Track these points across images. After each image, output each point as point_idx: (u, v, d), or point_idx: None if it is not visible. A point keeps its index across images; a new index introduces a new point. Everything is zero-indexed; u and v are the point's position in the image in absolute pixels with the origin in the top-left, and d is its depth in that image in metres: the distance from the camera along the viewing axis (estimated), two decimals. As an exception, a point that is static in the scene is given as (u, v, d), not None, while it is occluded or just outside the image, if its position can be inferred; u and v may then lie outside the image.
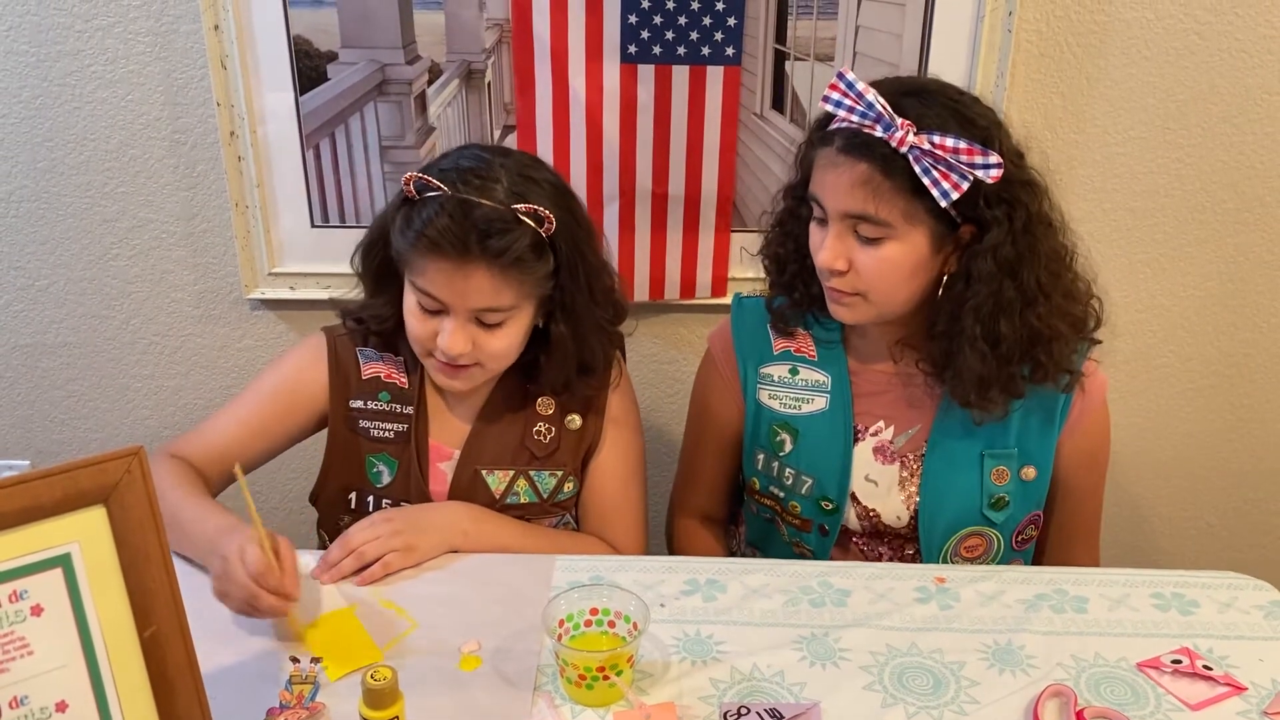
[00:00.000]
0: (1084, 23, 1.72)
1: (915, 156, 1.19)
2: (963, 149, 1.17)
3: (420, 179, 1.25)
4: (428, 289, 1.27)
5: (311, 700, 1.07)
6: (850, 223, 1.25)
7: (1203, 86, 1.76)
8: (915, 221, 1.23)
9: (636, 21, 1.67)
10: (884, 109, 1.19)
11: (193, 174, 1.82)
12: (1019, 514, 1.41)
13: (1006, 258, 1.23)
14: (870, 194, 1.22)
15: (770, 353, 1.44)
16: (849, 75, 1.21)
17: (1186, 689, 1.13)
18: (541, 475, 1.42)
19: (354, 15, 1.69)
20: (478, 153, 1.31)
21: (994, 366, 1.27)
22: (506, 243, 1.23)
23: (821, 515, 1.43)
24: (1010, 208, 1.23)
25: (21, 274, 1.90)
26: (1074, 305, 1.30)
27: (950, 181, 1.18)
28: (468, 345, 1.28)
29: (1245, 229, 1.86)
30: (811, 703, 1.09)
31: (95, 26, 1.71)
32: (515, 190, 1.26)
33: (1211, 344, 1.96)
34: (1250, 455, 2.06)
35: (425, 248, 1.24)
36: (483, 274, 1.24)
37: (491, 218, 1.23)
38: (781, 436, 1.43)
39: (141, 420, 2.03)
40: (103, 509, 0.88)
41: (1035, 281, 1.25)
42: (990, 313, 1.25)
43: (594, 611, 1.14)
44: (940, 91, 1.25)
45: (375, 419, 1.41)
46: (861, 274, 1.26)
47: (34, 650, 0.86)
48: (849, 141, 1.22)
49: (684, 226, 1.83)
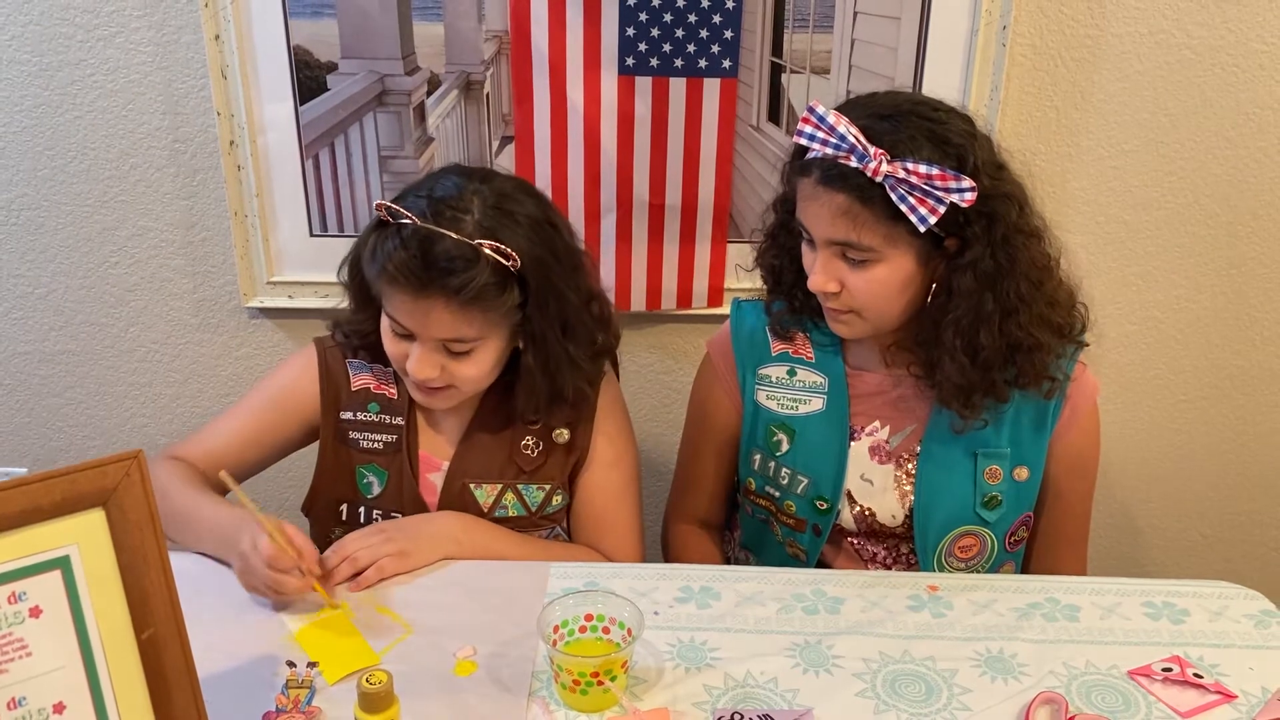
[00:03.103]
0: (1077, 37, 1.73)
1: (891, 185, 1.20)
2: (935, 175, 1.18)
3: (390, 206, 1.25)
4: (394, 315, 1.27)
5: (308, 704, 1.08)
6: (837, 248, 1.27)
7: (1195, 100, 1.77)
8: (898, 243, 1.25)
9: (634, 34, 1.69)
10: (856, 139, 1.20)
11: (192, 183, 1.83)
12: (1012, 514, 1.42)
13: (986, 271, 1.25)
14: (851, 223, 1.23)
15: (768, 354, 1.46)
16: (819, 109, 1.23)
17: (1177, 697, 1.13)
18: (529, 489, 1.42)
19: (354, 26, 1.71)
20: (456, 179, 1.29)
21: (975, 377, 1.29)
22: (464, 280, 1.21)
23: (816, 515, 1.44)
24: (989, 222, 1.24)
25: (21, 281, 1.91)
26: (1056, 312, 1.31)
27: (927, 206, 1.20)
28: (435, 371, 1.28)
29: (1238, 241, 1.88)
30: (804, 709, 1.10)
31: (97, 36, 1.73)
32: (484, 224, 1.24)
33: (1204, 356, 1.97)
34: (1243, 467, 2.07)
35: (387, 279, 1.24)
36: (442, 308, 1.23)
37: (453, 254, 1.21)
38: (778, 437, 1.44)
39: (140, 428, 2.04)
40: (101, 512, 0.89)
41: (1015, 292, 1.26)
42: (970, 325, 1.27)
43: (589, 617, 1.14)
44: (914, 112, 1.24)
45: (365, 430, 1.41)
46: (854, 294, 1.29)
47: (32, 652, 0.86)
48: (826, 173, 1.24)
49: (681, 237, 1.84)
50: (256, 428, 1.42)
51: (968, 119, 1.27)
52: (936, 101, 1.28)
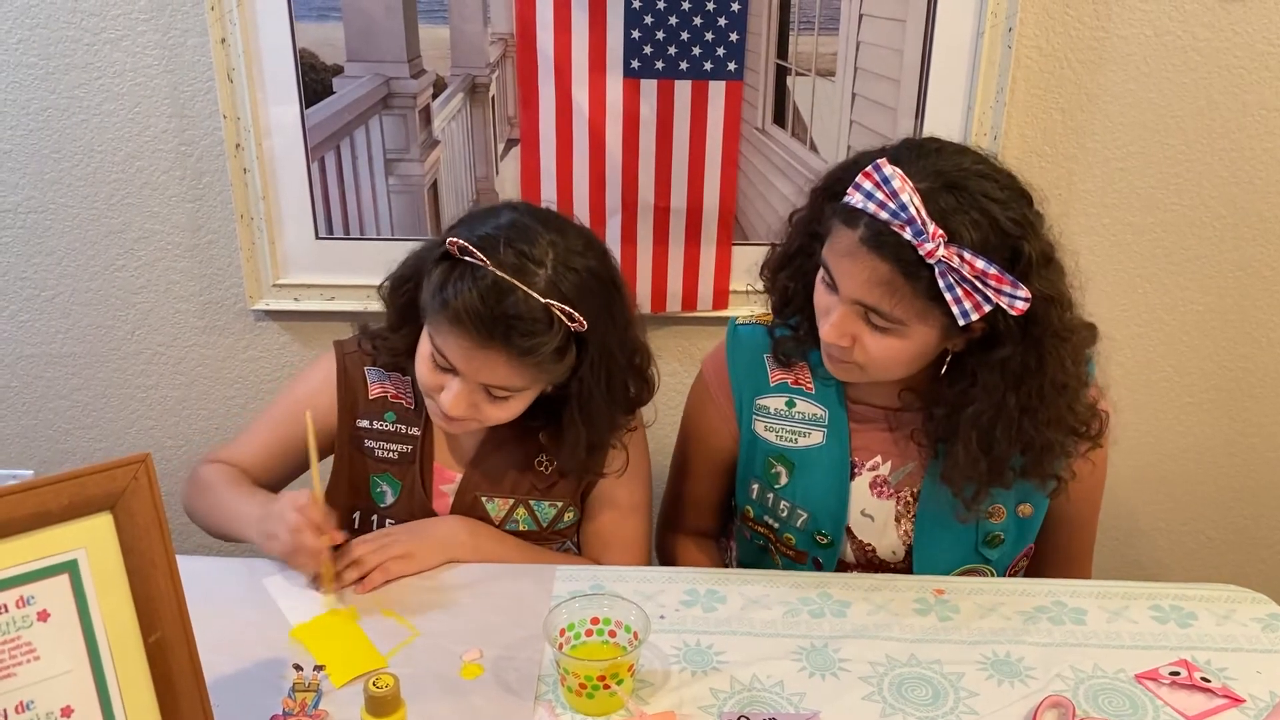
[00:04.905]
0: (1083, 39, 1.73)
1: (941, 270, 1.12)
2: (991, 274, 1.12)
3: (463, 245, 1.20)
4: (444, 351, 1.24)
5: (314, 708, 1.08)
6: (861, 309, 1.20)
7: (1201, 102, 1.77)
8: (928, 320, 1.19)
9: (639, 36, 1.69)
10: (917, 212, 1.12)
11: (198, 186, 1.83)
12: (1014, 550, 1.40)
13: (1014, 370, 1.20)
14: (888, 293, 1.16)
15: (767, 384, 1.41)
16: (886, 169, 1.13)
17: (1184, 701, 1.13)
18: (541, 505, 1.41)
19: (359, 29, 1.71)
20: (529, 223, 1.24)
21: (984, 469, 1.26)
22: (533, 344, 1.19)
23: (816, 549, 1.41)
24: (1027, 321, 1.18)
25: (28, 284, 1.91)
26: (1074, 416, 1.26)
27: (973, 301, 1.13)
28: (469, 411, 1.26)
29: (1244, 244, 1.87)
30: (811, 713, 1.10)
31: (103, 40, 1.73)
32: (556, 283, 1.20)
33: (1210, 358, 1.97)
34: (1249, 469, 2.07)
35: (450, 318, 1.20)
36: (501, 360, 1.21)
37: (524, 314, 1.18)
38: (777, 469, 1.41)
39: (146, 430, 2.04)
40: (109, 516, 0.89)
41: (1038, 393, 1.21)
42: (989, 420, 1.23)
43: (595, 621, 1.14)
44: (979, 187, 1.15)
45: (380, 439, 1.41)
46: (866, 351, 1.23)
47: (40, 655, 0.86)
48: (874, 236, 1.15)
49: (686, 240, 1.84)
50: (283, 442, 1.41)
51: (1027, 199, 1.20)
52: (1000, 172, 1.20)
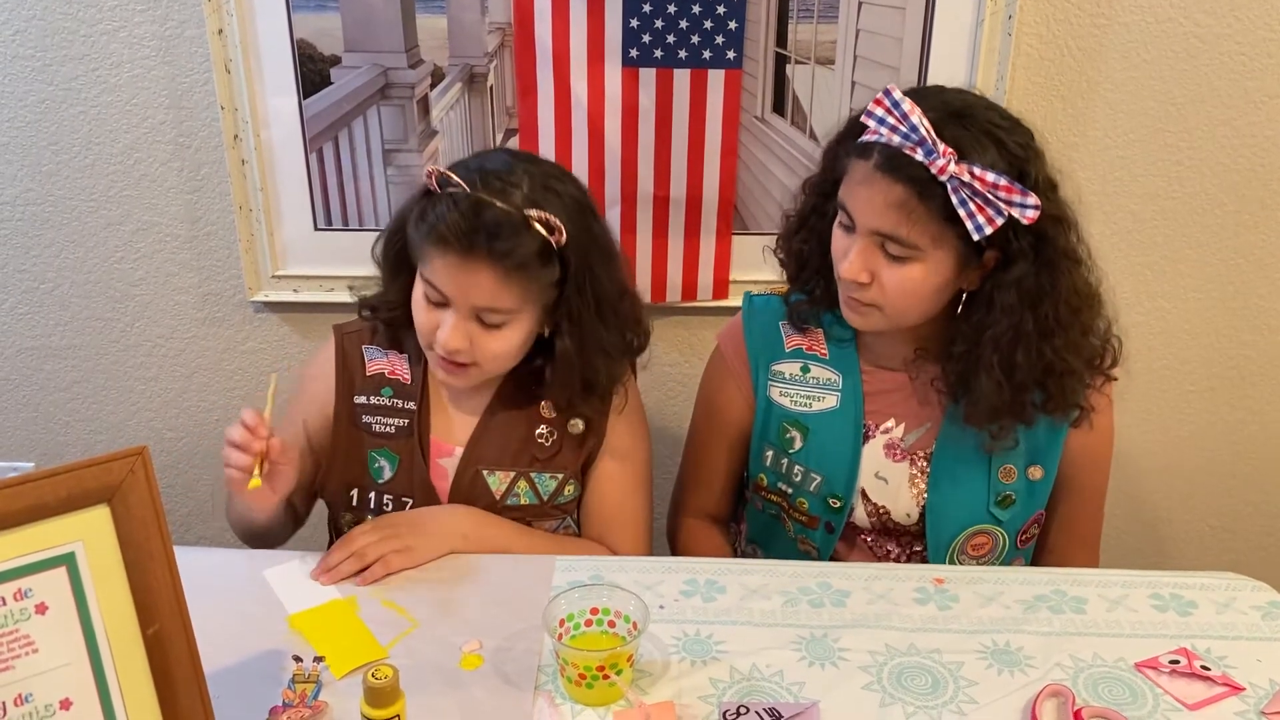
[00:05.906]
0: (1084, 26, 1.72)
1: (954, 187, 1.17)
2: (1002, 185, 1.16)
3: (442, 174, 1.28)
4: (433, 280, 1.28)
5: (314, 699, 1.08)
6: (878, 239, 1.24)
7: (1202, 89, 1.76)
8: (943, 245, 1.23)
9: (638, 25, 1.68)
10: (927, 133, 1.17)
11: (197, 177, 1.83)
12: (1025, 513, 1.41)
13: (1029, 290, 1.23)
14: (904, 216, 1.21)
15: (782, 350, 1.45)
16: (895, 94, 1.19)
17: (1184, 689, 1.13)
18: (542, 477, 1.42)
19: (357, 19, 1.70)
20: (505, 157, 1.33)
21: (1008, 395, 1.27)
22: (512, 245, 1.24)
23: (828, 513, 1.43)
24: (1038, 240, 1.22)
25: (26, 277, 1.91)
26: (1090, 341, 1.30)
27: (985, 215, 1.17)
28: (465, 342, 1.29)
29: (1245, 231, 1.87)
30: (810, 702, 1.10)
31: (100, 31, 1.72)
32: (532, 198, 1.26)
33: (1212, 346, 1.97)
34: (1250, 457, 2.06)
35: (435, 241, 1.26)
36: (486, 273, 1.25)
37: (501, 220, 1.24)
38: (791, 434, 1.43)
39: (145, 423, 2.04)
40: (106, 508, 0.89)
41: (1054, 315, 1.25)
42: (1009, 342, 1.25)
43: (594, 611, 1.14)
44: (984, 115, 1.22)
45: (378, 414, 1.42)
46: (884, 288, 1.26)
47: (38, 648, 0.86)
48: (888, 161, 1.20)
49: (685, 229, 1.84)
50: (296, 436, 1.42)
51: (1029, 132, 1.25)
52: (1002, 108, 1.26)
